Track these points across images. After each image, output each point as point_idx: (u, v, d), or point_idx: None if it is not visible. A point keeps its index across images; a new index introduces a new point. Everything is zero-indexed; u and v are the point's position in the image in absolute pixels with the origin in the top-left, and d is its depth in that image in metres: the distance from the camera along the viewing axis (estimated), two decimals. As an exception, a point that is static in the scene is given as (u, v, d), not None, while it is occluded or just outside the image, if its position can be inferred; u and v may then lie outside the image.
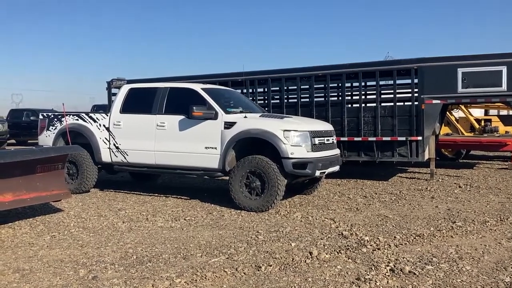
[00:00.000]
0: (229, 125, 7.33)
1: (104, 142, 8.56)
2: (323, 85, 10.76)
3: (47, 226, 6.16)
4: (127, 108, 8.46)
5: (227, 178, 7.46)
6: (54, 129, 9.19)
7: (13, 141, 21.60)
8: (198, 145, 7.54)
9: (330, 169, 7.54)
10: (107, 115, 8.59)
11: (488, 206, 7.30)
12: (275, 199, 6.95)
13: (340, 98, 10.54)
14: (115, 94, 13.08)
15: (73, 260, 4.72)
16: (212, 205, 7.52)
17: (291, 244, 5.20)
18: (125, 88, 8.68)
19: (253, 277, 4.18)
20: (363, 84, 10.37)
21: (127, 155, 8.31)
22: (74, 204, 7.64)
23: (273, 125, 7.14)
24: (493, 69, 8.84)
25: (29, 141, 21.53)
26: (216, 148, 7.40)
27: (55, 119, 9.24)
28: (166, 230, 5.94)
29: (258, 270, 4.35)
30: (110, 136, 8.49)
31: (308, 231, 5.83)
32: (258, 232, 5.78)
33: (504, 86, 8.78)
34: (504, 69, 8.76)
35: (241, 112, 7.83)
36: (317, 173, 7.14)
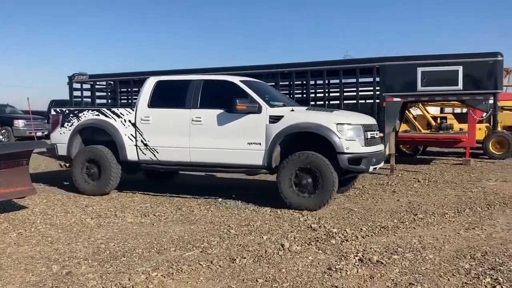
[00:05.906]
0: (275, 119, 6.90)
1: (130, 139, 7.89)
2: (288, 83, 10.91)
3: (12, 224, 6.01)
4: (156, 102, 7.80)
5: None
6: (70, 126, 8.41)
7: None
8: (239, 140, 7.07)
9: (379, 165, 7.35)
10: (133, 110, 7.93)
11: (446, 199, 7.68)
12: (330, 197, 6.67)
13: (304, 95, 10.74)
14: (76, 89, 12.89)
15: (44, 256, 4.65)
16: (181, 200, 7.53)
17: (262, 237, 5.32)
18: (152, 81, 7.98)
19: (228, 269, 4.27)
20: (327, 82, 10.62)
21: (157, 152, 7.69)
22: (38, 201, 7.46)
23: (325, 118, 6.76)
24: (450, 69, 9.27)
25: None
26: (260, 143, 6.97)
27: (71, 115, 8.46)
28: (137, 226, 5.93)
29: (233, 263, 4.44)
30: (137, 133, 7.84)
31: (278, 224, 5.97)
32: (229, 226, 5.86)
33: (460, 85, 9.22)
34: (460, 69, 9.20)
35: (284, 105, 7.43)
36: (371, 168, 6.85)
